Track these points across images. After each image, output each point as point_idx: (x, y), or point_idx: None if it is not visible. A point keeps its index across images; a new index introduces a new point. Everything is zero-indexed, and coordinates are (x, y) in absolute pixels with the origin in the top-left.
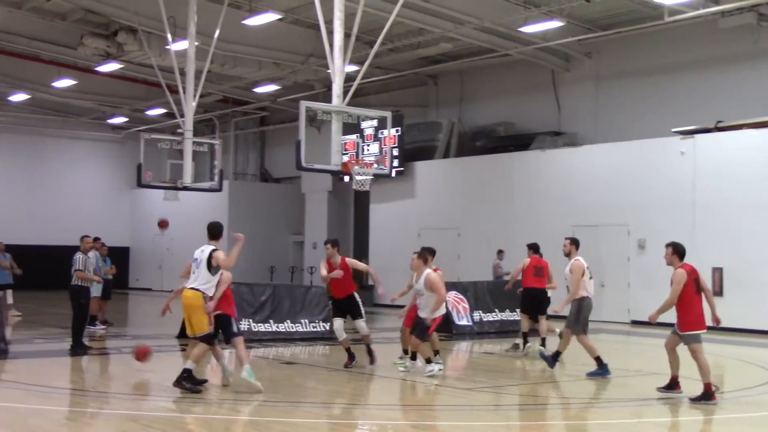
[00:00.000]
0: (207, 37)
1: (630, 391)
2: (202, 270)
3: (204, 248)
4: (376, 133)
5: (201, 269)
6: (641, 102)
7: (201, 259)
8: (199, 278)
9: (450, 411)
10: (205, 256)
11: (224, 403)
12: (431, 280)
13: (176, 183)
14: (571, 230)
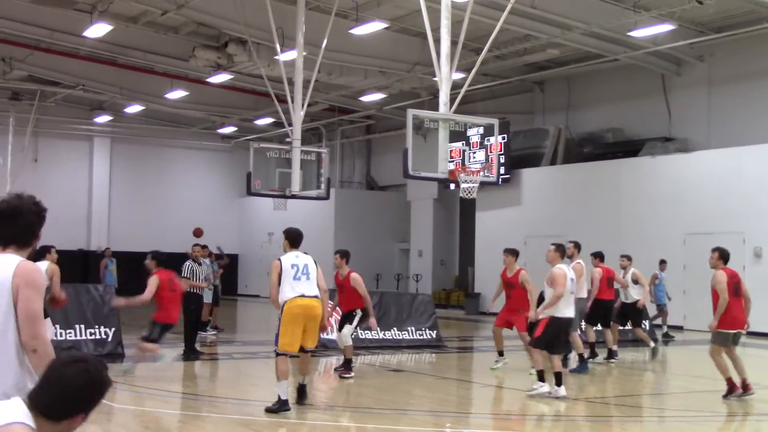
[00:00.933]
0: (314, 47)
1: (744, 406)
2: (314, 277)
3: (299, 254)
4: (482, 140)
5: (313, 276)
6: (756, 106)
7: (308, 264)
8: (313, 285)
9: (561, 421)
10: (312, 262)
11: (332, 409)
12: (552, 274)
13: (284, 191)
14: (683, 238)
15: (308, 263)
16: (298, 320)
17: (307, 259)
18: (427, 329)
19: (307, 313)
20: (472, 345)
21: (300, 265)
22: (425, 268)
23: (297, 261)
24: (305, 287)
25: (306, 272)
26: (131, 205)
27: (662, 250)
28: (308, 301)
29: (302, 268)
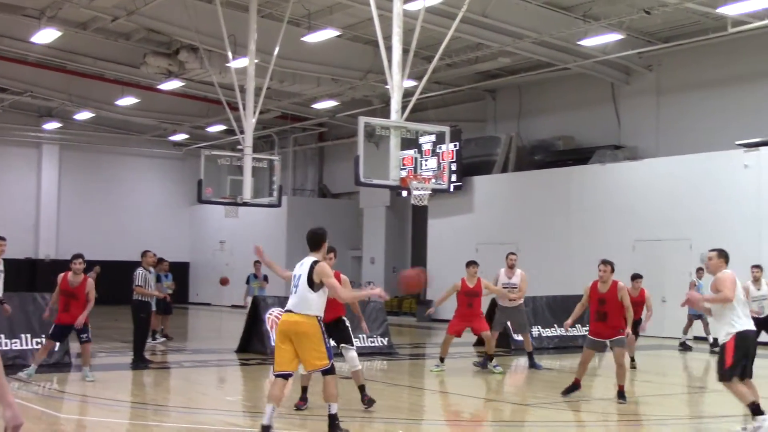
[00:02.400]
0: (266, 55)
1: (700, 407)
2: (302, 289)
3: (304, 262)
4: (434, 148)
5: (301, 288)
6: (704, 114)
7: (301, 275)
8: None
9: (509, 427)
10: (306, 270)
11: (282, 417)
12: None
13: (236, 199)
14: (632, 244)
15: (302, 273)
16: (283, 338)
17: (305, 268)
18: (379, 336)
19: (287, 330)
20: (424, 352)
21: (297, 275)
22: (377, 275)
23: (297, 270)
24: (291, 302)
25: (297, 284)
26: (81, 212)
27: (611, 256)
28: (288, 316)
29: (297, 278)
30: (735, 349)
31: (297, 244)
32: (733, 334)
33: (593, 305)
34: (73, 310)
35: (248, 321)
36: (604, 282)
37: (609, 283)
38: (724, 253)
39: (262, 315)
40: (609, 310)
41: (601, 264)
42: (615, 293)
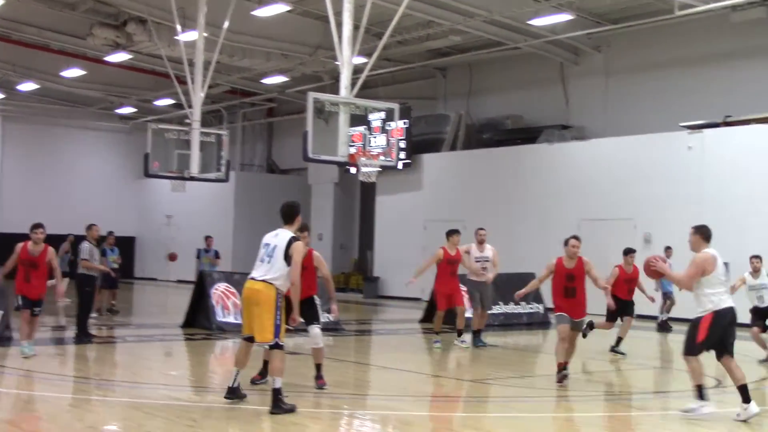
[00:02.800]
0: (216, 28)
1: (638, 383)
2: (276, 260)
3: (279, 233)
4: (383, 125)
5: (275, 259)
6: (650, 96)
7: (277, 246)
8: (273, 269)
9: (452, 402)
10: (283, 243)
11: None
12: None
13: (183, 173)
14: (578, 223)
15: (279, 244)
16: (245, 304)
17: (282, 239)
18: (325, 313)
19: (249, 297)
20: (371, 328)
21: (271, 245)
22: (325, 251)
23: (271, 240)
24: (257, 270)
25: (271, 254)
26: (24, 186)
27: (557, 235)
28: (251, 284)
29: (271, 249)
30: (710, 326)
31: (244, 219)
32: (711, 311)
33: (560, 281)
34: (33, 280)
35: (194, 296)
36: (572, 258)
37: (575, 259)
38: (701, 229)
39: (207, 290)
40: (577, 286)
41: (573, 239)
42: (582, 268)
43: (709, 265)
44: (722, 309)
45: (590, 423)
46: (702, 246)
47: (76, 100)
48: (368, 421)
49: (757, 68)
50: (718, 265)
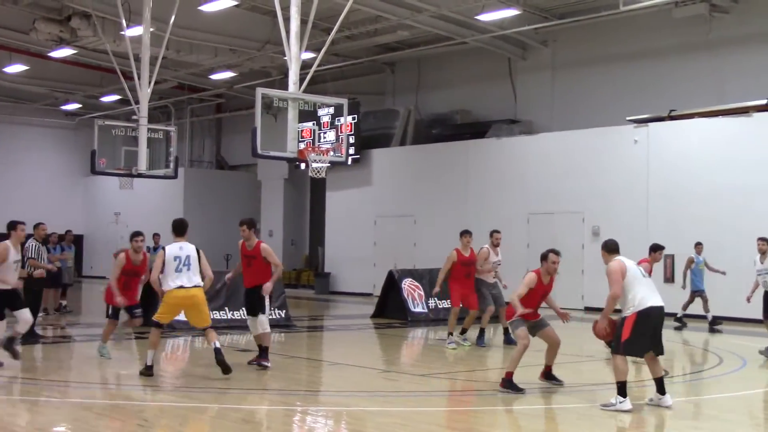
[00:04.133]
0: (162, 23)
1: (582, 376)
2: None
3: (183, 245)
4: (332, 120)
5: (194, 266)
6: (597, 90)
7: (190, 255)
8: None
9: (404, 397)
10: (194, 253)
11: (179, 390)
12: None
13: (131, 170)
14: (526, 217)
15: (190, 254)
16: (176, 308)
17: (190, 249)
18: (276, 309)
19: (186, 303)
20: (322, 324)
21: (183, 257)
22: (276, 247)
23: (180, 253)
24: (185, 278)
25: (188, 263)
26: None
27: (507, 229)
28: (186, 291)
29: (184, 259)
30: (634, 326)
31: (194, 216)
32: (633, 311)
33: (536, 297)
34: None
35: (143, 294)
36: (551, 274)
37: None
38: (604, 244)
39: None
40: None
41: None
42: (552, 284)
43: (621, 269)
44: (644, 309)
45: (537, 415)
46: (609, 258)
47: (20, 96)
48: (321, 417)
49: (700, 63)
50: (629, 268)
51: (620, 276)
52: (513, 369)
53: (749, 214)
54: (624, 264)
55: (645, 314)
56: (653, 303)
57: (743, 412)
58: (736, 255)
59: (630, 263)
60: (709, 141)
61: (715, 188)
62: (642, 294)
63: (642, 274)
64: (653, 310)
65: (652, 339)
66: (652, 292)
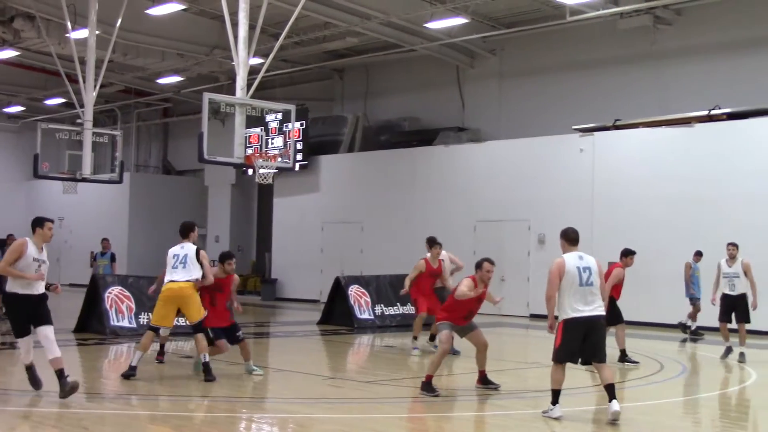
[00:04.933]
0: (108, 26)
1: (526, 383)
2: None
3: (184, 245)
4: (280, 126)
5: (189, 265)
6: (543, 99)
7: (188, 254)
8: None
9: (349, 404)
10: (192, 253)
11: (122, 397)
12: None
13: (75, 174)
14: (473, 225)
15: (188, 253)
16: (169, 301)
17: (190, 249)
18: None
19: (176, 295)
20: (268, 331)
21: (181, 255)
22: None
23: (180, 251)
24: (178, 274)
25: (184, 261)
26: None
27: (454, 236)
28: (176, 284)
29: (182, 257)
30: (563, 334)
31: (140, 220)
32: (562, 319)
33: (468, 304)
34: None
35: (87, 300)
36: (484, 281)
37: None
38: (565, 232)
39: (101, 294)
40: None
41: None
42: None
43: (559, 270)
44: (570, 318)
45: (482, 421)
46: (565, 249)
47: None
48: (265, 424)
49: (644, 74)
50: (568, 271)
51: (556, 277)
52: (432, 372)
53: (690, 222)
54: (564, 265)
55: (572, 322)
56: (580, 314)
57: (682, 417)
58: (678, 262)
59: (572, 263)
60: (652, 150)
61: (657, 197)
62: (570, 302)
63: (582, 281)
64: (580, 319)
65: (582, 347)
66: (585, 301)
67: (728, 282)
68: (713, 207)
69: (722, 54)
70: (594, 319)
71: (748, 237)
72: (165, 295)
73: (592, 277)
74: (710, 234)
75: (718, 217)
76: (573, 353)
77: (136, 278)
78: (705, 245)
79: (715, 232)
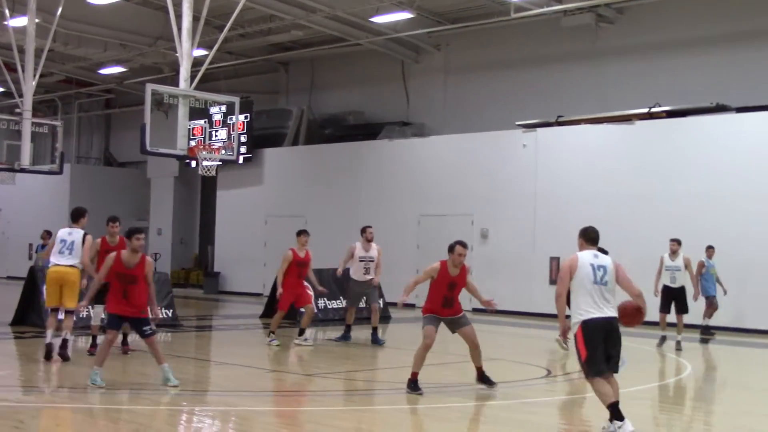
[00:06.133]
0: (48, 15)
1: (466, 376)
2: (78, 250)
3: (72, 231)
4: (224, 118)
5: (75, 251)
6: (488, 95)
7: (75, 241)
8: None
9: (291, 397)
10: (80, 239)
11: (60, 390)
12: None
13: (13, 165)
14: (417, 219)
15: (76, 240)
16: (52, 283)
17: (77, 236)
18: (163, 308)
19: (59, 278)
20: (210, 324)
21: (68, 241)
22: (165, 246)
23: (67, 237)
24: (64, 259)
25: (71, 247)
26: None
27: (398, 230)
28: (60, 268)
29: (69, 243)
30: (584, 340)
31: None
32: (579, 323)
33: (441, 289)
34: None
35: (24, 292)
36: (456, 266)
37: (459, 267)
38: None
39: (40, 286)
40: (456, 296)
41: (459, 246)
42: (465, 277)
43: (571, 266)
44: (588, 319)
45: (431, 414)
46: (583, 247)
47: None
48: (207, 417)
49: (586, 71)
50: (580, 266)
51: (566, 274)
52: (417, 369)
53: (631, 217)
54: (576, 261)
55: (589, 326)
56: (595, 315)
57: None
58: (618, 258)
59: (585, 260)
60: (594, 147)
61: (599, 192)
62: (583, 303)
63: (596, 280)
64: (594, 321)
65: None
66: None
67: (670, 275)
68: (652, 203)
69: (663, 53)
70: (610, 320)
71: (687, 233)
72: (50, 278)
73: (607, 276)
74: (649, 230)
75: (658, 213)
76: (602, 360)
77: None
78: (644, 241)
79: (654, 228)
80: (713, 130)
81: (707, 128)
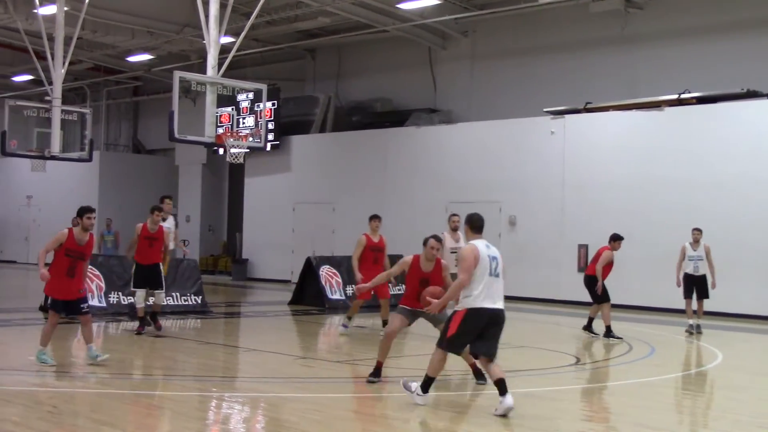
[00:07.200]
0: (77, 2)
1: None
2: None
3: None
4: (252, 106)
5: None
6: (515, 81)
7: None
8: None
9: (320, 383)
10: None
11: (92, 375)
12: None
13: (44, 152)
14: (445, 206)
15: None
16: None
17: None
18: (192, 295)
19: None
20: (239, 311)
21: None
22: (193, 233)
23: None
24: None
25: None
26: None
27: (425, 218)
28: None
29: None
30: (462, 323)
31: (109, 199)
32: (464, 307)
33: (414, 284)
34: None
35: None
36: (430, 260)
37: (434, 262)
38: (470, 218)
39: None
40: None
41: (433, 239)
42: (440, 273)
43: (475, 256)
44: (477, 307)
45: (457, 401)
46: (470, 237)
47: None
48: (236, 404)
49: (615, 57)
50: (482, 258)
51: (472, 263)
52: (381, 359)
53: (660, 205)
54: (477, 251)
55: (475, 313)
56: (488, 305)
57: (651, 398)
58: (647, 245)
59: (483, 252)
60: (622, 134)
61: (627, 180)
62: (480, 292)
63: (491, 272)
64: (485, 311)
65: (477, 339)
66: (492, 292)
67: (693, 264)
68: (681, 190)
69: (692, 38)
70: (497, 312)
71: (716, 220)
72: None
73: (499, 267)
74: (679, 217)
75: (687, 199)
76: (464, 344)
77: (106, 257)
78: (673, 228)
79: (683, 215)
80: (744, 116)
81: (738, 115)
